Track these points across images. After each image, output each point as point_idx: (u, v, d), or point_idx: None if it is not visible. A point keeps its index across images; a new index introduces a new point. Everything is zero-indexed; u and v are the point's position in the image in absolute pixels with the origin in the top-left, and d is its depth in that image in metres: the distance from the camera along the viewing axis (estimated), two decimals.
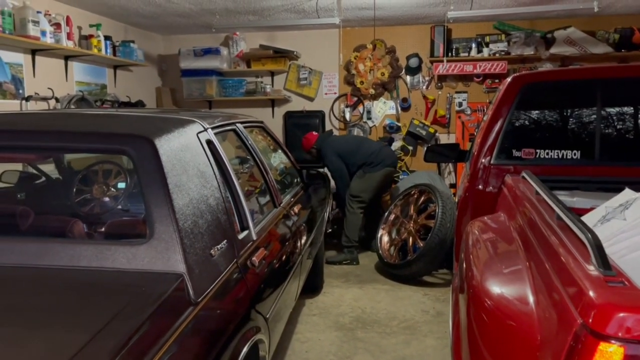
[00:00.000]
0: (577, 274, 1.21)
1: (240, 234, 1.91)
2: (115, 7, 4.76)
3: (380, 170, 5.05)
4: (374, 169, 5.05)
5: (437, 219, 4.34)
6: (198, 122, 1.97)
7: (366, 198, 5.08)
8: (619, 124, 2.79)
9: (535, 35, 5.54)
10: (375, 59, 5.97)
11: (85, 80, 5.01)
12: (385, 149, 5.20)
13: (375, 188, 5.10)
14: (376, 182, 5.08)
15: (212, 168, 1.84)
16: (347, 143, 5.23)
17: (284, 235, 2.53)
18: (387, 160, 5.09)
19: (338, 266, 4.98)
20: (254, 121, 2.96)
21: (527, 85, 2.80)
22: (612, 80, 2.77)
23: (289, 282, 2.44)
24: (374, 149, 5.12)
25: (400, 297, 4.18)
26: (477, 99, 5.92)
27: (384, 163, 5.07)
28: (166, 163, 1.56)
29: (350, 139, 5.40)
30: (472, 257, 1.94)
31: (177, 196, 1.52)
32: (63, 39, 4.37)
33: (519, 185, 2.38)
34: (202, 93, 6.14)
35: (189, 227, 1.52)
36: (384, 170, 5.06)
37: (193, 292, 1.42)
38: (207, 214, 1.66)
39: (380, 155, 5.08)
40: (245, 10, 4.98)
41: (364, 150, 5.09)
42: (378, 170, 5.05)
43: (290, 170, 3.40)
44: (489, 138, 2.88)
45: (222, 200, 1.80)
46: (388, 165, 5.09)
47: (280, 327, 2.32)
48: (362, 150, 5.09)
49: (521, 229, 1.96)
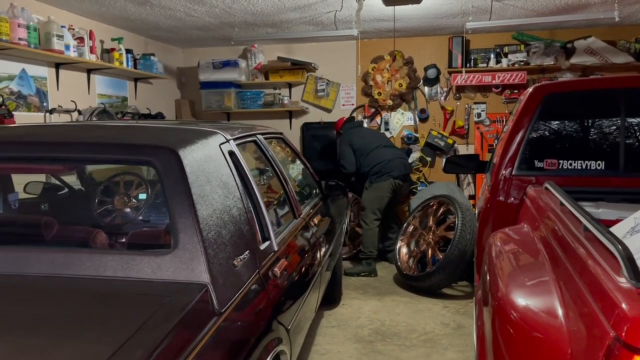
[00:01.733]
0: (608, 286, 1.19)
1: (262, 244, 1.91)
2: (136, 20, 4.85)
3: (385, 180, 5.03)
4: (379, 179, 5.05)
5: (457, 230, 4.30)
6: (220, 134, 1.99)
7: (376, 209, 5.06)
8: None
9: (555, 45, 5.50)
10: (392, 70, 5.98)
11: (106, 93, 5.09)
12: (396, 161, 5.12)
13: (384, 198, 5.07)
14: (383, 192, 5.05)
15: (235, 179, 1.85)
16: (364, 140, 5.26)
17: (303, 247, 2.52)
18: (395, 172, 5.04)
19: (356, 278, 4.95)
20: (274, 132, 2.98)
21: (549, 96, 2.77)
22: (635, 90, 2.73)
23: (310, 293, 2.43)
24: (385, 158, 5.07)
25: (420, 309, 4.13)
26: (496, 110, 5.88)
27: (390, 174, 5.03)
28: (190, 174, 1.57)
29: (370, 138, 5.32)
30: (497, 269, 1.91)
31: (201, 206, 1.53)
32: (86, 52, 4.46)
33: (542, 196, 2.35)
34: (221, 105, 6.19)
35: (213, 238, 1.53)
36: (389, 181, 5.03)
37: (217, 303, 1.42)
38: (230, 225, 1.67)
39: (389, 166, 5.04)
40: (264, 23, 5.03)
41: (375, 155, 5.10)
42: (383, 181, 5.03)
43: (309, 181, 3.41)
44: (510, 149, 2.85)
45: (244, 210, 1.80)
46: (395, 177, 5.04)
47: (300, 338, 2.31)
48: (374, 155, 5.10)
49: (546, 240, 1.93)
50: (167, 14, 4.63)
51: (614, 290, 1.14)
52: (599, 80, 2.92)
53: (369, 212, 5.06)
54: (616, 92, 2.71)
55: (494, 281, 1.81)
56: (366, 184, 5.15)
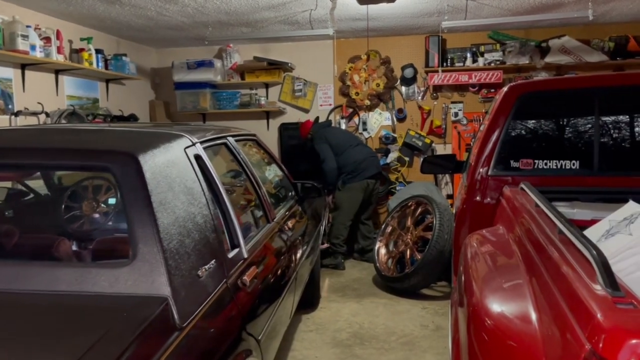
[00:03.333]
0: (583, 294, 1.15)
1: (230, 252, 1.84)
2: (106, 20, 4.72)
3: (359, 181, 5.15)
4: (352, 180, 5.15)
5: (435, 230, 4.27)
6: (186, 137, 1.91)
7: (349, 210, 5.16)
8: (617, 133, 2.74)
9: (530, 44, 5.52)
10: (370, 69, 5.94)
11: (76, 95, 4.95)
12: (368, 160, 5.24)
13: (357, 199, 5.17)
14: (356, 193, 5.15)
15: (200, 184, 1.77)
16: (337, 139, 5.33)
17: (277, 252, 2.46)
18: (367, 172, 5.17)
19: (334, 280, 4.90)
20: (246, 134, 2.90)
21: (524, 95, 2.75)
22: (609, 88, 2.72)
23: (283, 299, 2.36)
24: (357, 159, 5.19)
25: (399, 311, 4.10)
26: (473, 109, 5.88)
27: (362, 175, 5.16)
28: (150, 180, 1.49)
29: (345, 137, 5.46)
30: (471, 271, 1.87)
31: (162, 215, 1.46)
32: (53, 53, 4.32)
33: (518, 197, 2.32)
34: (196, 106, 6.08)
35: (175, 247, 1.45)
36: (362, 182, 5.15)
37: (178, 316, 1.34)
38: (195, 233, 1.59)
39: (362, 167, 5.16)
40: (238, 23, 4.94)
41: (347, 155, 5.19)
42: (357, 182, 5.14)
43: (284, 184, 3.34)
44: (485, 149, 2.82)
45: (210, 217, 1.73)
46: (368, 177, 5.19)
47: (274, 347, 2.24)
48: (346, 155, 5.19)
49: (521, 242, 1.90)
50: (138, 13, 4.51)
51: (589, 298, 1.10)
52: (573, 79, 2.91)
53: (342, 212, 5.18)
54: (590, 91, 2.69)
55: (469, 285, 1.77)
56: (339, 184, 5.20)
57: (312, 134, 5.43)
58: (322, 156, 5.24)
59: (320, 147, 5.27)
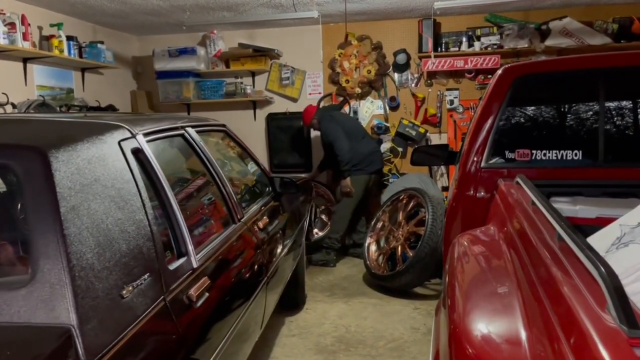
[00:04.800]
0: (588, 327, 0.88)
1: (173, 262, 1.57)
2: (77, 4, 4.43)
3: (364, 175, 4.93)
4: (357, 172, 4.90)
5: (428, 226, 4.01)
6: (125, 128, 1.64)
7: (352, 203, 4.94)
8: (625, 120, 2.46)
9: (529, 26, 5.21)
10: (360, 56, 5.64)
11: (48, 85, 4.66)
12: (375, 154, 5.13)
13: (360, 193, 4.95)
14: (360, 186, 4.92)
15: (137, 184, 1.50)
16: (352, 126, 5.11)
17: (242, 256, 2.19)
18: (372, 167, 5.01)
19: (323, 278, 4.64)
20: (212, 124, 2.63)
21: (520, 78, 2.47)
22: (616, 69, 2.43)
23: (249, 310, 2.10)
24: (366, 151, 4.98)
25: (389, 312, 3.84)
26: (470, 96, 5.58)
27: (368, 169, 4.97)
28: (61, 180, 1.22)
29: (356, 126, 5.25)
30: (456, 282, 1.61)
31: (72, 222, 1.19)
32: (18, 39, 4.03)
33: (513, 192, 2.05)
34: (179, 96, 5.80)
35: (88, 263, 1.19)
36: (365, 177, 4.95)
37: (84, 351, 1.08)
38: (120, 243, 1.33)
39: (367, 160, 4.97)
40: (219, 6, 4.65)
41: (359, 146, 4.95)
42: (362, 175, 4.92)
43: (258, 179, 3.06)
44: (478, 138, 2.55)
45: (146, 223, 1.46)
46: (372, 173, 5.02)
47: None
48: (357, 146, 4.93)
49: (514, 247, 1.63)
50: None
51: (597, 335, 0.84)
52: (574, 59, 2.62)
53: (345, 206, 4.94)
54: (594, 72, 2.41)
55: (451, 297, 1.51)
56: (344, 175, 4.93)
57: (319, 117, 5.09)
58: (332, 137, 4.87)
59: (330, 128, 4.95)
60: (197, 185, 2.23)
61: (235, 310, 1.93)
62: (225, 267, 1.96)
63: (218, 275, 1.84)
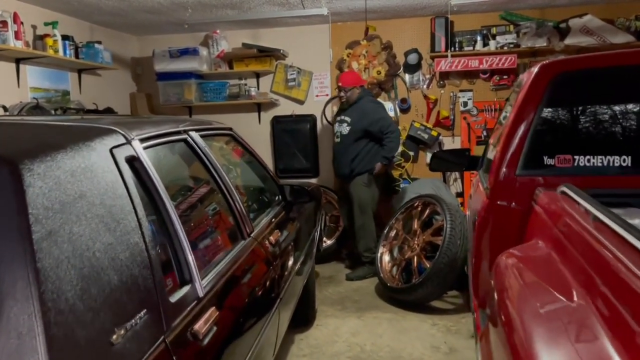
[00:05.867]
0: None
1: (175, 293, 1.33)
2: (72, 2, 4.19)
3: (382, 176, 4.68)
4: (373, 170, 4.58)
5: (446, 235, 3.76)
6: (118, 132, 1.39)
7: (372, 209, 4.63)
8: None
9: (547, 25, 4.97)
10: (370, 56, 5.39)
11: (42, 86, 4.42)
12: None
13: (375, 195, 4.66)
14: (374, 187, 4.63)
15: (132, 200, 1.26)
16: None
17: (253, 277, 1.94)
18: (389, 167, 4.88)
19: (332, 290, 4.39)
20: (218, 128, 2.38)
21: (560, 76, 2.22)
22: None
23: (262, 339, 1.85)
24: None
25: (405, 328, 3.59)
26: (484, 98, 5.34)
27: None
28: (35, 198, 0.98)
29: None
30: (515, 315, 1.35)
31: (47, 253, 0.94)
32: (10, 38, 3.79)
33: (563, 204, 1.80)
34: (180, 98, 5.55)
35: (66, 305, 0.94)
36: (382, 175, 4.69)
37: None
38: (111, 274, 1.08)
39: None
40: (222, 4, 4.41)
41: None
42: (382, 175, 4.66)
43: (268, 187, 2.81)
44: (512, 143, 2.30)
45: (142, 247, 1.21)
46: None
47: None
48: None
49: (583, 272, 1.38)
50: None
51: None
52: (623, 54, 2.37)
53: (368, 215, 4.58)
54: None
55: (515, 338, 1.25)
56: (363, 178, 4.52)
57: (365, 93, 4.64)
58: (388, 121, 4.52)
59: (381, 108, 4.67)
60: (202, 198, 1.98)
61: (247, 341, 1.68)
62: (235, 293, 1.71)
63: (227, 304, 1.59)
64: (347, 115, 4.57)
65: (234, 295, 1.70)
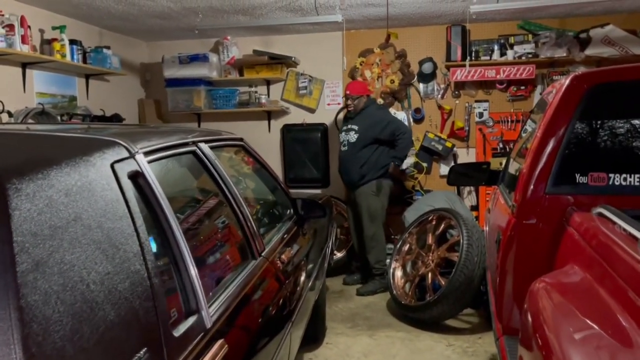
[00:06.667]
0: None
1: (180, 325, 1.19)
2: (80, 5, 4.10)
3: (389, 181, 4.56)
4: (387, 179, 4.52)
5: (462, 251, 3.60)
6: (121, 145, 1.26)
7: (382, 219, 4.54)
8: None
9: (567, 35, 4.83)
10: (383, 64, 5.27)
11: (49, 92, 4.33)
12: None
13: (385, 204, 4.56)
14: (384, 196, 4.53)
15: (133, 221, 1.13)
16: None
17: (264, 302, 1.80)
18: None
19: (343, 306, 4.24)
20: (229, 138, 2.25)
21: (595, 88, 2.08)
22: None
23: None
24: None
25: (419, 349, 3.43)
26: (500, 109, 5.19)
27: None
28: (22, 223, 0.85)
29: None
30: (558, 344, 1.21)
31: (33, 288, 0.81)
32: (17, 42, 3.71)
33: (601, 227, 1.65)
34: (189, 105, 5.45)
35: (54, 348, 0.81)
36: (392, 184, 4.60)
37: None
38: (107, 309, 0.95)
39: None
40: (233, 9, 4.30)
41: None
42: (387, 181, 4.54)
43: (279, 201, 2.67)
44: (541, 159, 2.15)
45: (144, 275, 1.08)
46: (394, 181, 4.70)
47: None
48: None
49: (626, 298, 1.24)
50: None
51: None
52: None
53: (380, 226, 4.50)
54: None
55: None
56: (372, 187, 4.44)
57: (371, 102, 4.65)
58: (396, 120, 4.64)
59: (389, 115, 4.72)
60: (211, 216, 1.85)
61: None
62: (245, 322, 1.57)
63: (236, 334, 1.45)
64: (354, 124, 4.52)
65: (244, 323, 1.56)
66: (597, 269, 1.52)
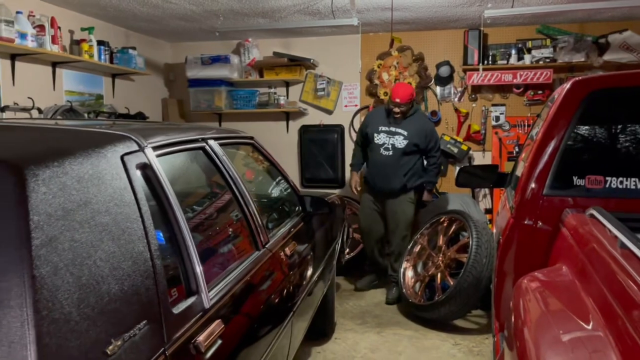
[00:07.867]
0: None
1: (180, 303, 1.30)
2: (108, 8, 4.28)
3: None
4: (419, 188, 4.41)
5: (471, 253, 3.65)
6: (131, 139, 1.39)
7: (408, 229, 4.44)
8: None
9: (586, 39, 4.83)
10: (400, 67, 5.34)
11: (77, 90, 4.53)
12: None
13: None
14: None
15: (139, 207, 1.24)
16: None
17: (264, 290, 1.91)
18: None
19: (353, 304, 4.32)
20: (239, 136, 2.37)
21: (595, 93, 2.13)
22: None
23: (270, 354, 1.81)
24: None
25: (426, 347, 3.49)
26: (517, 113, 5.21)
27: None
28: (38, 204, 0.97)
29: None
30: (530, 342, 1.28)
31: (46, 260, 0.93)
32: (47, 42, 3.90)
33: (590, 228, 1.71)
34: (211, 105, 5.61)
35: (62, 313, 0.93)
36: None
37: None
38: (111, 284, 1.06)
39: None
40: (253, 12, 4.44)
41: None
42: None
43: (287, 197, 2.78)
44: (540, 161, 2.22)
45: (147, 256, 1.20)
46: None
47: None
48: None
49: (604, 301, 1.30)
50: (141, 0, 4.06)
51: None
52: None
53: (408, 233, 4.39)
54: None
55: None
56: (411, 195, 4.33)
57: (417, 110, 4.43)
58: (438, 141, 4.44)
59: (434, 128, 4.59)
60: (216, 206, 1.96)
61: (254, 354, 1.65)
62: (243, 306, 1.68)
63: (234, 316, 1.56)
64: (402, 128, 4.26)
65: (242, 308, 1.67)
66: (581, 267, 1.58)
